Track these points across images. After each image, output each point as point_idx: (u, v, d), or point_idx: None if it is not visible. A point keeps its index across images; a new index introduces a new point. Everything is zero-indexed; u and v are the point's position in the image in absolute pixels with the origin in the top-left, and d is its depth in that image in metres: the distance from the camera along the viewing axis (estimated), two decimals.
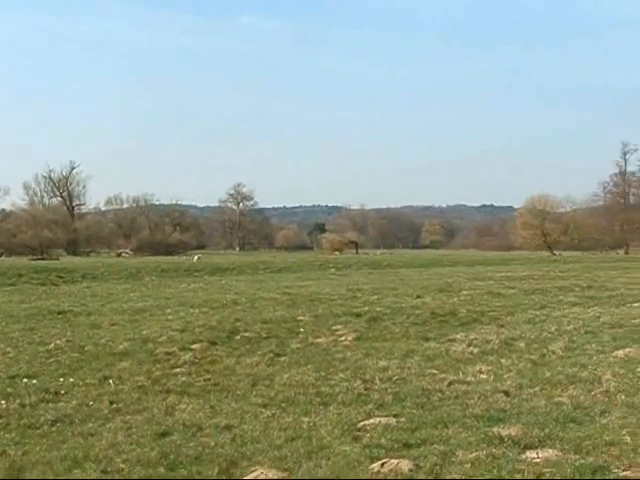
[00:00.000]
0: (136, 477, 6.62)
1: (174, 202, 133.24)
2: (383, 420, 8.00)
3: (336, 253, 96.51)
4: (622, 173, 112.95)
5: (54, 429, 8.25)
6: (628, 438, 7.10)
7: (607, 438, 7.12)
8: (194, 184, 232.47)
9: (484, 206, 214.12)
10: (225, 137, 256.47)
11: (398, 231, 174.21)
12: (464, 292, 22.95)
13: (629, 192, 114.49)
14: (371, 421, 8.00)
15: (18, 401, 9.53)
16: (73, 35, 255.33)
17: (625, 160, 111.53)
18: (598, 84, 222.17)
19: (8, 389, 10.30)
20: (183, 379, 10.79)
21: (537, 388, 9.40)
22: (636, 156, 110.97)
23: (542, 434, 7.33)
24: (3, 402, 9.51)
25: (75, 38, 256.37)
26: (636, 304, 19.20)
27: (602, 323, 15.23)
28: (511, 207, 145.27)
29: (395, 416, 8.19)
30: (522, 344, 12.85)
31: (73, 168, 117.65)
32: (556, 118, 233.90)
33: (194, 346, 13.41)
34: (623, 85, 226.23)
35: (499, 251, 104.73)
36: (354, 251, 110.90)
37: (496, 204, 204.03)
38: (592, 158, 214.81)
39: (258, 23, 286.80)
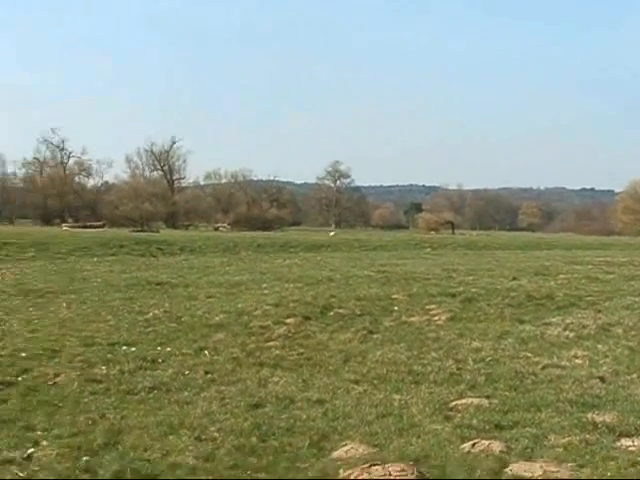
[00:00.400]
0: (228, 446, 6.78)
1: (272, 178, 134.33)
2: (475, 401, 7.99)
3: (432, 233, 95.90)
4: None
5: (151, 396, 8.51)
6: None
7: None
8: (293, 160, 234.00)
9: (584, 189, 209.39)
10: (324, 113, 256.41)
11: (495, 213, 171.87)
12: (561, 276, 22.48)
13: None
14: (463, 401, 8.00)
15: (118, 367, 9.87)
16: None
17: None
18: None
19: (108, 355, 10.68)
20: (277, 352, 10.96)
21: (634, 375, 9.21)
22: None
23: (638, 422, 7.19)
24: (104, 368, 9.87)
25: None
26: None
27: None
28: (612, 191, 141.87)
29: (487, 397, 8.17)
30: (620, 330, 12.55)
31: (174, 142, 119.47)
32: None
33: (288, 320, 13.57)
34: None
35: (598, 236, 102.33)
36: (450, 231, 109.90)
37: (597, 188, 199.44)
38: None
39: None
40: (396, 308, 15.09)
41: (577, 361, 10.10)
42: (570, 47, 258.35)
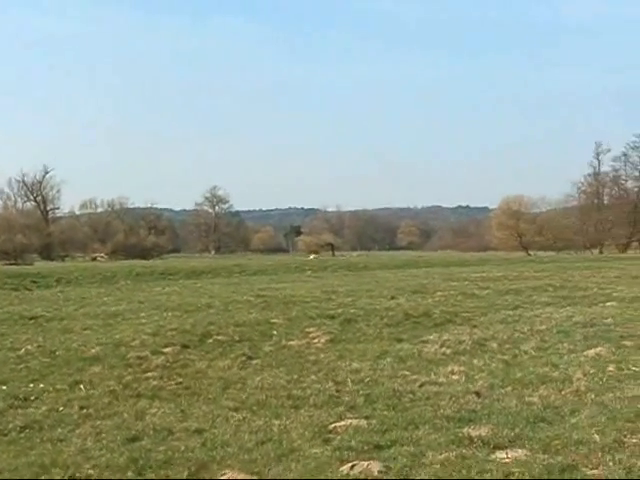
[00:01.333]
0: None
1: (149, 205, 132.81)
2: (354, 422, 7.99)
3: (312, 255, 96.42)
4: (596, 173, 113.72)
5: (22, 435, 8.17)
6: (597, 437, 7.13)
7: (576, 437, 7.15)
8: (170, 187, 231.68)
9: (460, 207, 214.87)
10: (200, 140, 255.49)
11: (374, 233, 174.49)
12: (438, 293, 22.99)
13: (602, 192, 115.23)
14: (342, 423, 7.99)
15: None
16: (40, 36, 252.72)
17: (599, 160, 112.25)
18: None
19: None
20: (154, 383, 10.72)
21: (508, 388, 9.43)
22: (609, 156, 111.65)
23: (512, 434, 7.35)
24: None
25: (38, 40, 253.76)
26: (608, 303, 19.35)
27: (574, 323, 15.32)
28: (486, 208, 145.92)
29: (366, 418, 8.18)
30: (494, 344, 12.89)
31: (47, 172, 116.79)
32: (531, 121, 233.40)
33: (166, 350, 13.34)
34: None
35: (475, 252, 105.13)
36: (330, 253, 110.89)
37: (472, 205, 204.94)
38: (567, 159, 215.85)
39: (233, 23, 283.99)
40: (275, 332, 15.05)
41: (454, 377, 10.28)
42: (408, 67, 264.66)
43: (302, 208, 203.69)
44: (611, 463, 6.39)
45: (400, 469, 6.48)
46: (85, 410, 9.22)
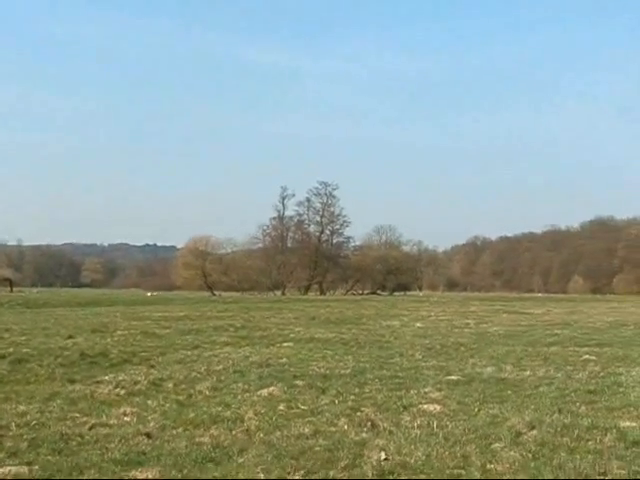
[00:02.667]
0: None
1: None
2: (14, 469, 7.50)
3: None
4: (280, 217, 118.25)
5: None
6: (262, 475, 7.26)
7: (241, 476, 7.23)
8: None
9: (147, 245, 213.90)
10: None
11: (58, 269, 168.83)
12: (119, 332, 22.56)
13: (287, 236, 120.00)
14: (1, 471, 7.47)
15: None
16: None
17: (284, 205, 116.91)
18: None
19: None
20: None
21: (180, 429, 9.36)
22: (294, 201, 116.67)
23: (180, 475, 7.29)
24: None
25: None
26: (285, 344, 20.00)
27: (251, 362, 15.66)
28: (174, 247, 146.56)
29: (28, 464, 7.71)
30: (170, 384, 12.81)
31: None
32: (227, 164, 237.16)
33: None
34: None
35: (161, 291, 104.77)
36: (9, 289, 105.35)
37: (159, 243, 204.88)
38: (257, 201, 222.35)
39: None
40: None
41: (126, 418, 10.03)
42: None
43: None
44: None
45: None
46: None
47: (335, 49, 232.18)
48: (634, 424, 9.60)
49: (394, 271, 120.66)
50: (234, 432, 9.18)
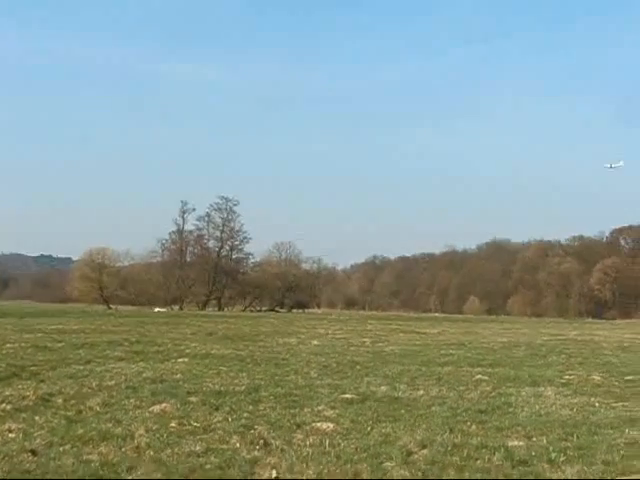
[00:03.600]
0: None
1: None
2: None
3: None
4: (180, 231, 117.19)
5: None
6: None
7: None
8: None
9: (42, 256, 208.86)
10: None
11: None
12: (8, 345, 21.91)
13: (186, 250, 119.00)
14: None
15: None
16: None
17: (184, 219, 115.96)
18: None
19: None
20: None
21: (68, 446, 9.13)
22: (194, 215, 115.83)
23: None
24: None
25: None
26: (180, 359, 19.76)
27: (144, 378, 15.42)
28: (70, 259, 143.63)
29: None
30: (60, 400, 12.49)
31: None
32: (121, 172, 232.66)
33: None
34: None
35: (55, 303, 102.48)
36: None
37: (55, 255, 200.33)
38: (157, 214, 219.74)
39: None
40: None
41: (10, 435, 9.72)
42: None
43: None
44: None
45: None
46: None
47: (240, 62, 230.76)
48: (521, 443, 9.81)
49: (293, 288, 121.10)
50: (124, 449, 9.01)
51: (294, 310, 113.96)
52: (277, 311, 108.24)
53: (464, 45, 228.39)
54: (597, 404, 13.66)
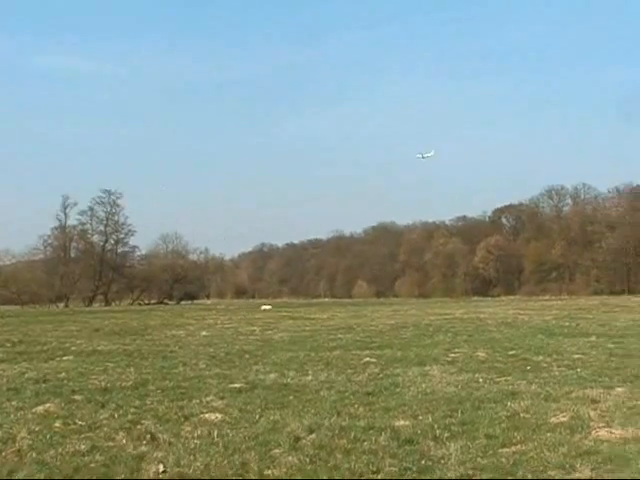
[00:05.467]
0: None
1: None
2: None
3: None
4: (62, 227, 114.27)
5: None
6: None
7: None
8: None
9: None
10: None
11: None
12: None
13: (69, 246, 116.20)
14: None
15: None
16: None
17: (65, 214, 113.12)
18: None
19: None
20: None
21: None
22: (76, 210, 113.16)
23: None
24: None
25: None
26: (65, 357, 19.35)
27: (27, 379, 15.02)
28: None
29: None
30: None
31: None
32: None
33: None
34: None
35: None
36: None
37: None
38: (34, 210, 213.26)
39: None
40: None
41: None
42: None
43: None
44: None
45: None
46: None
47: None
48: (407, 422, 9.99)
49: (181, 280, 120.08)
50: (4, 453, 8.74)
51: (183, 302, 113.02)
52: (166, 303, 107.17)
53: (346, 30, 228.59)
54: (481, 380, 14.01)
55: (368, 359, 17.86)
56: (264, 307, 66.87)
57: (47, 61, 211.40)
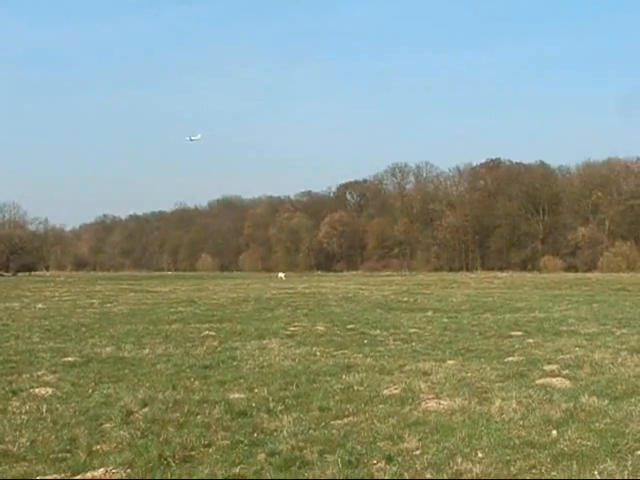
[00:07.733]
0: None
1: None
2: None
3: None
4: None
5: None
6: None
7: None
8: None
9: None
10: None
11: None
12: None
13: None
14: None
15: None
16: None
17: None
18: None
19: None
20: None
21: None
22: None
23: None
24: None
25: None
26: None
27: None
28: None
29: None
30: None
31: None
32: None
33: None
34: None
35: None
36: None
37: None
38: None
39: None
40: None
41: None
42: None
43: None
44: None
45: None
46: None
47: None
48: (243, 395, 10.00)
49: (18, 251, 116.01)
50: None
51: (20, 274, 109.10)
52: (2, 275, 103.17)
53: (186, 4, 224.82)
54: (318, 353, 14.20)
55: (207, 332, 17.81)
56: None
57: None
